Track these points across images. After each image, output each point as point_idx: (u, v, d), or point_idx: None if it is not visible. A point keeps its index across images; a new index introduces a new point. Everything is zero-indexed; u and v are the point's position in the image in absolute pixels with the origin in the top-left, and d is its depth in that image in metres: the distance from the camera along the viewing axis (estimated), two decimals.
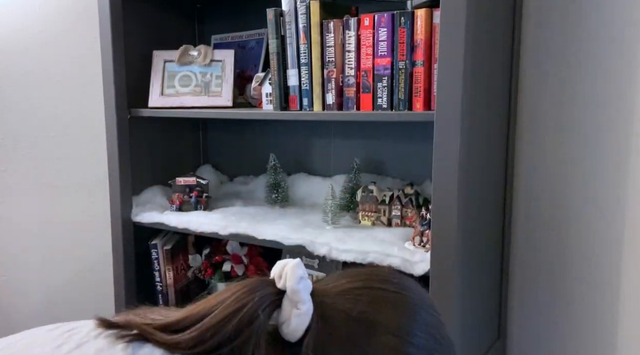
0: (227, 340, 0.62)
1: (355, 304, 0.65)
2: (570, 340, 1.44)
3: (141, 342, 0.62)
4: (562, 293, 1.44)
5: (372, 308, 0.65)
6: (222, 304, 0.64)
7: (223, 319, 0.63)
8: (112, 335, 0.62)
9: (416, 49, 1.21)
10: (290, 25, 1.37)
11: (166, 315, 0.65)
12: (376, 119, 1.45)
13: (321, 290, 0.67)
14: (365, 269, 0.73)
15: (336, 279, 0.70)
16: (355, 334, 0.64)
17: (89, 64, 2.04)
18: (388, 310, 0.66)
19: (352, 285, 0.68)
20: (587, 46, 1.34)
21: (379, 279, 0.70)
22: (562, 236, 1.42)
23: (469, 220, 1.18)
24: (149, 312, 0.67)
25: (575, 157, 1.38)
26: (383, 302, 0.67)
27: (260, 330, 0.63)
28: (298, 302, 0.64)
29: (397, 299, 0.68)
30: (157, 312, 0.66)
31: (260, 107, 1.55)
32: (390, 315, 0.65)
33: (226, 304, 0.64)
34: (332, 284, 0.69)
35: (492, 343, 1.44)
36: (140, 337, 0.62)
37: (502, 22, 1.31)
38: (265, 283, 0.66)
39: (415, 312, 0.68)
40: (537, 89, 1.41)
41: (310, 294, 0.65)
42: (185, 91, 1.66)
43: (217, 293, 0.67)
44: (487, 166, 1.30)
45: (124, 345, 0.60)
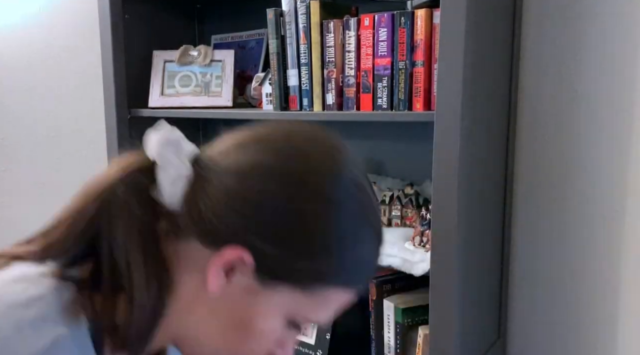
0: (92, 227, 0.57)
1: (234, 157, 0.59)
2: (571, 340, 1.44)
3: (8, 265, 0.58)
4: (562, 293, 1.44)
5: (250, 157, 0.58)
6: (83, 191, 0.60)
7: (83, 204, 0.59)
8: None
9: (416, 49, 1.21)
10: (290, 25, 1.37)
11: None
12: (376, 119, 1.45)
13: (204, 154, 0.61)
14: (262, 124, 0.64)
15: (226, 139, 0.63)
16: (228, 185, 0.57)
17: (89, 64, 2.04)
18: (267, 155, 0.58)
19: (237, 140, 0.61)
20: (587, 46, 1.34)
21: (267, 130, 0.63)
22: (562, 236, 1.42)
23: (469, 220, 1.18)
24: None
25: (576, 157, 1.38)
26: (264, 149, 0.59)
27: (128, 203, 0.57)
28: (167, 166, 0.58)
29: (278, 144, 0.60)
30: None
31: (260, 107, 1.55)
32: (266, 159, 0.58)
33: (86, 189, 0.60)
34: (219, 144, 0.62)
35: (492, 343, 1.44)
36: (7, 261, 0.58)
37: (502, 22, 1.31)
38: (132, 156, 0.61)
39: (296, 152, 0.59)
40: (537, 89, 1.41)
41: (192, 159, 0.60)
42: (185, 91, 1.66)
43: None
44: (487, 166, 1.30)
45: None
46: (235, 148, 0.60)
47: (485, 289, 1.38)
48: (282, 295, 0.58)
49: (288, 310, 0.59)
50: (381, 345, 1.47)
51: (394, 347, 1.43)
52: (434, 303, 1.16)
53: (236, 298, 0.58)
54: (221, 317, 0.59)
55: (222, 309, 0.58)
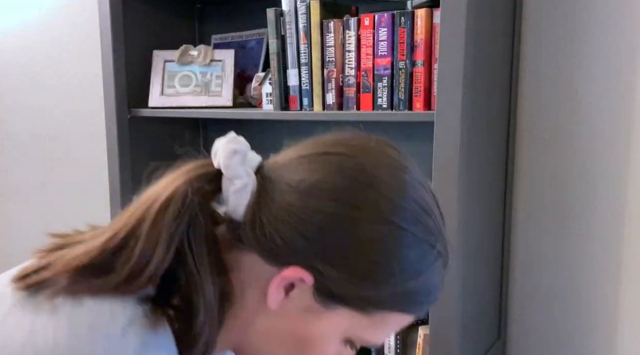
0: (173, 242, 0.54)
1: (297, 172, 0.57)
2: (571, 341, 1.44)
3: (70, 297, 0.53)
4: (562, 293, 1.44)
5: (313, 174, 0.56)
6: (148, 201, 0.56)
7: (157, 218, 0.55)
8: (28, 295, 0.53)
9: (416, 49, 1.21)
10: (291, 25, 1.37)
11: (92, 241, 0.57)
12: (376, 119, 1.44)
13: (269, 165, 0.60)
14: (324, 135, 0.63)
15: (290, 150, 0.61)
16: (292, 203, 0.55)
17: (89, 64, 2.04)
18: (330, 173, 0.56)
19: (300, 152, 0.60)
20: (587, 46, 1.34)
21: (330, 142, 0.61)
22: (562, 236, 1.42)
23: (469, 220, 1.18)
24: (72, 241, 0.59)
25: (575, 157, 1.38)
26: (327, 166, 0.57)
27: (195, 214, 0.55)
28: (233, 177, 0.57)
29: (341, 161, 0.58)
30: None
31: (260, 107, 1.55)
32: (330, 178, 0.56)
33: (152, 199, 0.56)
34: (283, 156, 0.61)
35: (492, 343, 1.44)
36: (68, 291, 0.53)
37: (502, 22, 1.31)
38: (198, 165, 0.59)
39: (361, 174, 0.57)
40: (537, 89, 1.41)
41: (257, 169, 0.58)
42: (185, 91, 1.66)
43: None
44: (487, 166, 1.30)
45: (50, 307, 0.52)
46: (299, 161, 0.59)
47: (485, 289, 1.38)
48: (341, 317, 0.57)
49: (346, 330, 0.58)
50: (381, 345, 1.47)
51: (394, 347, 1.43)
52: None
53: (295, 315, 0.57)
54: (280, 331, 0.59)
55: (281, 324, 0.58)
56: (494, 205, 1.38)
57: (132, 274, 0.53)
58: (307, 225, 0.55)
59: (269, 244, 0.56)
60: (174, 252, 0.54)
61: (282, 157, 0.61)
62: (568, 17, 1.35)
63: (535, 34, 1.39)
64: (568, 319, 1.44)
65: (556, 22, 1.37)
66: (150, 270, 0.54)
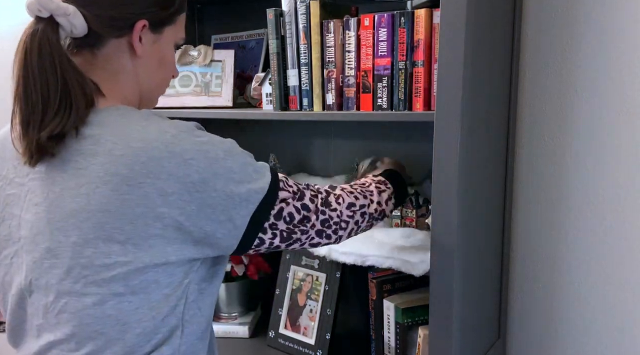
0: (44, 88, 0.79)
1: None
2: (571, 341, 1.44)
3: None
4: (562, 293, 1.44)
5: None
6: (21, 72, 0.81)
7: (25, 76, 0.80)
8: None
9: (416, 49, 1.21)
10: (290, 25, 1.37)
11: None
12: (376, 119, 1.45)
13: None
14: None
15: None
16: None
17: None
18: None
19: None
20: (588, 46, 1.34)
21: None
22: (562, 236, 1.42)
23: (469, 220, 1.18)
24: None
25: (575, 157, 1.38)
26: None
27: (56, 52, 0.80)
28: (56, 12, 0.80)
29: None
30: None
31: (260, 107, 1.55)
32: None
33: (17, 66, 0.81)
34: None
35: (492, 343, 1.44)
36: None
37: (502, 22, 1.31)
38: (32, 23, 0.82)
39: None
40: (537, 89, 1.41)
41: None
42: (185, 91, 1.66)
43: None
44: (487, 166, 1.30)
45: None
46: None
47: (485, 289, 1.38)
48: (168, 33, 0.93)
49: (172, 39, 0.94)
50: (381, 345, 1.47)
51: (394, 347, 1.43)
52: (434, 303, 1.16)
53: (150, 49, 0.91)
54: (150, 63, 0.92)
55: (149, 59, 0.91)
56: (494, 205, 1.38)
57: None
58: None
59: (116, 24, 0.86)
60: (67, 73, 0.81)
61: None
62: (568, 16, 1.35)
63: (535, 34, 1.39)
64: (568, 319, 1.44)
65: (556, 21, 1.37)
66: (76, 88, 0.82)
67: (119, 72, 0.89)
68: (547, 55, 1.39)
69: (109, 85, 0.88)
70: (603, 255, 1.37)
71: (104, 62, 0.88)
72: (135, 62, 0.90)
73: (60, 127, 0.79)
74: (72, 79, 0.81)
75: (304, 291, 1.61)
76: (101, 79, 0.87)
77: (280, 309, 1.64)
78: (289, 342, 1.59)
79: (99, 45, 0.87)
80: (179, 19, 0.95)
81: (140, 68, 0.91)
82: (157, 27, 0.90)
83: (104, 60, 0.88)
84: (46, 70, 0.80)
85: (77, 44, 0.87)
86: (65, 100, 0.80)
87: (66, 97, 0.80)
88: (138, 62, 0.90)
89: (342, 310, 1.59)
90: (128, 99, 0.91)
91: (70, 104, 0.80)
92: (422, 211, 1.42)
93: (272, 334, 1.64)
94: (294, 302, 1.62)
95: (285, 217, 0.90)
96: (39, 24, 0.81)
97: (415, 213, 1.41)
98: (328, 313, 1.53)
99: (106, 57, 0.88)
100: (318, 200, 0.97)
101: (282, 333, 1.62)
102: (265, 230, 0.89)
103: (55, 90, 0.79)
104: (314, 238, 0.97)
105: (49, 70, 0.80)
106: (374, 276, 1.47)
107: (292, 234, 0.92)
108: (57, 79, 0.80)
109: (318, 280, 1.58)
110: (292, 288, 1.63)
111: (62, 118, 0.79)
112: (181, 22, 0.96)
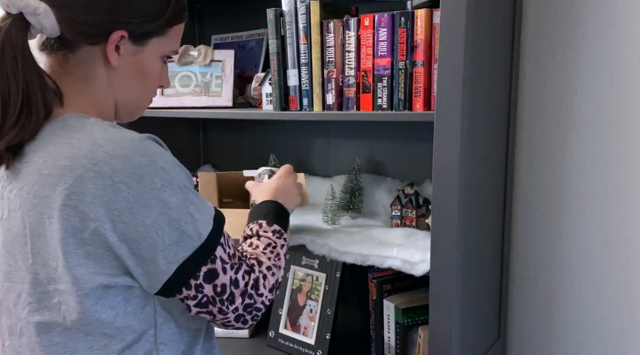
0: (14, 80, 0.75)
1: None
2: (570, 341, 1.44)
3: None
4: (562, 293, 1.44)
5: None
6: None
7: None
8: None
9: (416, 49, 1.21)
10: (291, 25, 1.37)
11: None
12: (376, 119, 1.45)
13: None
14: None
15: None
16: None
17: None
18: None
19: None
20: (588, 46, 1.34)
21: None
22: (562, 236, 1.42)
23: (469, 220, 1.18)
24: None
25: (576, 157, 1.38)
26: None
27: (17, 50, 0.75)
28: (27, 10, 0.76)
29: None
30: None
31: (260, 107, 1.55)
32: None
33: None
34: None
35: (492, 343, 1.44)
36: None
37: (502, 22, 1.31)
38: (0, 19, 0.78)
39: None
40: (537, 88, 1.41)
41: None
42: (185, 91, 1.66)
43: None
44: (487, 166, 1.30)
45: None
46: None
47: (485, 289, 1.38)
48: (153, 44, 0.86)
49: (159, 51, 0.87)
50: (381, 345, 1.47)
51: (394, 347, 1.43)
52: (434, 303, 1.16)
53: (129, 61, 0.85)
54: (128, 76, 0.86)
55: (126, 71, 0.85)
56: (494, 205, 1.38)
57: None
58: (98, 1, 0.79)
59: (90, 31, 0.80)
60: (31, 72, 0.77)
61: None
62: (568, 17, 1.35)
63: (535, 34, 1.39)
64: (568, 319, 1.44)
65: (556, 21, 1.37)
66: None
67: (90, 79, 0.83)
68: (547, 55, 1.39)
69: (75, 92, 0.83)
70: (603, 255, 1.37)
71: (76, 67, 0.82)
72: (110, 72, 0.84)
73: (18, 138, 0.74)
74: (35, 85, 0.76)
75: (304, 291, 1.61)
76: (69, 84, 0.82)
77: (280, 309, 1.64)
78: (289, 342, 1.59)
79: (72, 49, 0.81)
80: (171, 31, 0.88)
81: (116, 79, 0.85)
82: (139, 39, 0.84)
83: (75, 65, 0.82)
84: (7, 73, 0.75)
85: (49, 44, 0.82)
86: (27, 108, 0.75)
87: (28, 104, 0.75)
88: (113, 73, 0.84)
89: (342, 310, 1.59)
90: (100, 108, 0.85)
91: (31, 112, 0.75)
92: (422, 211, 1.42)
93: (272, 334, 1.64)
94: (294, 302, 1.62)
95: (216, 286, 0.80)
96: (6, 21, 0.76)
97: (415, 213, 1.41)
98: (328, 313, 1.53)
99: (78, 63, 0.82)
100: (250, 280, 0.85)
101: (282, 333, 1.62)
102: (190, 286, 0.78)
103: (16, 94, 0.74)
104: (230, 321, 0.84)
105: (10, 73, 0.74)
106: (374, 276, 1.47)
107: (211, 305, 0.81)
108: (19, 83, 0.75)
109: (318, 280, 1.58)
110: (292, 288, 1.63)
111: (22, 127, 0.74)
112: (174, 34, 0.89)
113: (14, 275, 0.77)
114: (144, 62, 0.86)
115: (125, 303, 0.76)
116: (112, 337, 0.77)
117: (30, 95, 0.75)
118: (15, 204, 0.76)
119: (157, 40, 0.86)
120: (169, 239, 0.74)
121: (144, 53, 0.86)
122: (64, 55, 0.82)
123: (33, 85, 0.75)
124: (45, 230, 0.73)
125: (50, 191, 0.71)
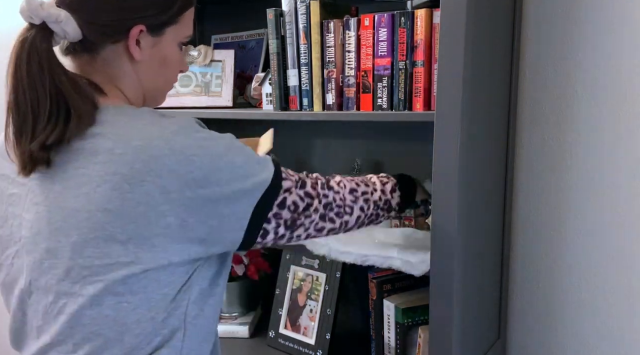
0: (35, 101, 0.78)
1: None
2: (571, 341, 1.44)
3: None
4: (562, 293, 1.44)
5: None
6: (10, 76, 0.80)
7: (15, 86, 0.79)
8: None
9: (416, 49, 1.21)
10: (291, 25, 1.37)
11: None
12: (376, 119, 1.45)
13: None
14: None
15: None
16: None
17: None
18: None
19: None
20: (588, 46, 1.34)
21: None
22: (562, 236, 1.42)
23: (469, 220, 1.18)
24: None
25: (576, 157, 1.38)
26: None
27: (43, 55, 0.79)
28: (48, 19, 0.80)
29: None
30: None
31: (260, 107, 1.55)
32: None
33: (10, 72, 0.80)
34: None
35: (492, 343, 1.44)
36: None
37: (502, 22, 1.31)
38: (24, 30, 0.82)
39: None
40: (537, 89, 1.41)
41: (57, 2, 0.83)
42: (185, 91, 1.66)
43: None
44: (487, 166, 1.30)
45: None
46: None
47: (485, 289, 1.38)
48: (170, 33, 0.91)
49: (176, 38, 0.93)
50: (381, 345, 1.47)
51: (394, 347, 1.43)
52: (434, 303, 1.16)
53: (151, 52, 0.90)
54: (152, 66, 0.91)
55: (149, 62, 0.90)
56: (494, 205, 1.38)
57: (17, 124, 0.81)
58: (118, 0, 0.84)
59: (110, 31, 0.85)
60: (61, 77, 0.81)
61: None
62: (568, 16, 1.35)
63: (535, 34, 1.39)
64: (568, 320, 1.44)
65: (556, 22, 1.37)
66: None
67: (119, 76, 0.89)
68: (547, 55, 1.39)
69: (110, 86, 0.88)
70: (603, 255, 1.37)
71: (103, 66, 0.88)
72: (135, 66, 0.89)
73: (54, 137, 0.78)
74: (67, 87, 0.80)
75: (304, 291, 1.61)
76: (102, 81, 0.87)
77: (280, 309, 1.64)
78: (289, 342, 1.59)
79: (96, 50, 0.86)
80: (183, 17, 0.93)
81: (141, 71, 0.91)
82: (156, 30, 0.89)
83: (103, 64, 0.88)
84: (35, 80, 0.79)
85: (75, 48, 0.86)
86: (58, 109, 0.79)
87: (59, 106, 0.79)
88: (138, 66, 0.90)
89: (342, 310, 1.59)
90: (130, 99, 0.91)
91: (67, 111, 0.79)
92: (422, 211, 1.42)
93: (272, 334, 1.64)
94: (294, 302, 1.62)
95: (289, 206, 0.91)
96: (31, 31, 0.81)
97: (415, 213, 1.41)
98: (328, 313, 1.53)
99: (105, 62, 0.87)
100: (319, 186, 0.98)
101: (282, 333, 1.62)
102: (270, 220, 0.89)
103: (45, 100, 0.78)
104: (317, 222, 0.96)
105: (38, 81, 0.79)
106: (374, 276, 1.47)
107: (297, 220, 0.93)
108: (47, 89, 0.79)
109: (318, 280, 1.58)
110: (292, 288, 1.63)
111: (55, 127, 0.79)
112: (186, 20, 0.95)
113: (61, 251, 0.79)
114: (164, 51, 0.91)
115: (184, 274, 0.83)
116: (156, 310, 0.82)
117: (66, 97, 0.80)
118: (71, 182, 0.79)
119: (173, 29, 0.91)
120: (241, 191, 0.83)
121: (162, 43, 0.91)
122: (91, 56, 0.87)
123: (64, 89, 0.80)
124: (118, 205, 0.77)
125: (127, 169, 0.77)
